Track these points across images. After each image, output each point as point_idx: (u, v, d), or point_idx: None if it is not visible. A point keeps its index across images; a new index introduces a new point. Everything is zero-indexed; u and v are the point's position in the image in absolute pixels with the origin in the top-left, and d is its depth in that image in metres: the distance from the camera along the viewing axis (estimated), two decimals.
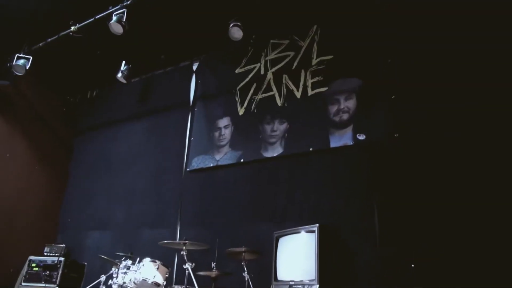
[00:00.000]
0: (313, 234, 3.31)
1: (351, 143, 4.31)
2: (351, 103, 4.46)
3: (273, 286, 3.56)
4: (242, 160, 5.15)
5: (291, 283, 3.34)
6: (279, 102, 5.08)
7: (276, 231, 3.78)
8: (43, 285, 5.20)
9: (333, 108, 4.56)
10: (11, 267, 5.78)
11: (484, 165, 3.49)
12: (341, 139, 4.40)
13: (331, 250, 3.41)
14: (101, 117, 6.88)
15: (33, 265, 5.40)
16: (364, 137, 4.23)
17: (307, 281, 3.23)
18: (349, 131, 4.35)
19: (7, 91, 6.32)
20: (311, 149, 4.59)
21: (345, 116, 4.44)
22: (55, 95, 7.04)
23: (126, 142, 6.36)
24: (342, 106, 4.50)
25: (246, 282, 3.86)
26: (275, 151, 4.89)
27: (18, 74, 5.72)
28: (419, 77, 4.06)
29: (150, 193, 5.74)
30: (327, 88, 4.70)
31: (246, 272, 3.89)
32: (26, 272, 5.40)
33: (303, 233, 3.47)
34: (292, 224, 3.81)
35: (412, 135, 3.95)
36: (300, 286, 3.24)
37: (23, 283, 5.35)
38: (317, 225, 3.34)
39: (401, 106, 4.08)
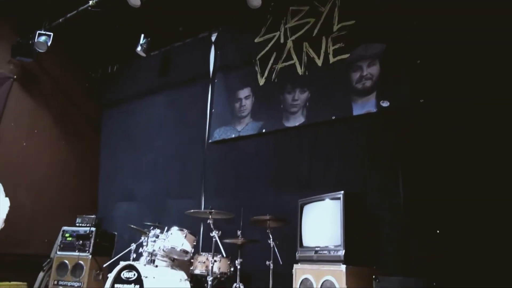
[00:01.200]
0: (338, 201, 3.33)
1: (374, 110, 4.24)
2: (374, 70, 4.36)
3: (299, 252, 3.63)
4: (263, 131, 5.16)
5: (316, 248, 3.40)
6: (300, 70, 5.01)
7: (301, 199, 3.82)
8: (77, 253, 5.45)
9: (356, 75, 4.47)
10: (45, 237, 6.08)
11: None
12: (364, 107, 4.33)
13: (356, 216, 3.43)
14: (123, 91, 6.96)
15: (67, 235, 5.65)
16: (388, 104, 4.16)
17: (333, 246, 3.28)
18: (372, 98, 4.27)
19: (30, 68, 6.44)
20: (333, 117, 4.55)
21: (368, 83, 4.36)
22: (77, 71, 7.13)
23: (149, 116, 6.44)
24: (365, 73, 4.41)
25: (272, 249, 3.96)
26: (296, 120, 4.86)
27: (40, 51, 5.80)
28: (446, 39, 3.91)
29: (174, 165, 5.85)
30: (349, 54, 4.59)
31: (271, 239, 3.99)
32: (61, 241, 5.66)
33: (327, 200, 3.49)
34: (315, 192, 3.83)
35: (438, 101, 3.84)
36: (326, 252, 3.29)
37: (58, 252, 5.62)
38: (342, 192, 3.35)
39: (427, 71, 3.95)
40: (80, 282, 5.33)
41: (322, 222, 3.50)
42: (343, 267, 3.08)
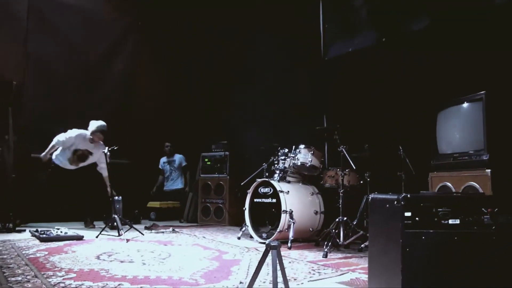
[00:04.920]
0: (479, 103, 3.03)
1: None
2: None
3: (434, 160, 3.48)
4: (383, 40, 4.81)
5: (455, 155, 3.22)
6: None
7: (434, 105, 3.56)
8: (217, 175, 6.17)
9: None
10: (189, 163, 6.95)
11: None
12: None
13: (500, 118, 3.09)
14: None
15: (206, 159, 6.39)
16: None
17: (473, 151, 3.06)
18: None
19: (148, 18, 6.94)
20: (467, 12, 3.97)
21: None
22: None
23: (263, 41, 6.47)
24: None
25: (402, 159, 3.89)
26: (422, 22, 4.39)
27: None
28: None
29: (294, 87, 5.89)
30: None
31: (401, 150, 3.90)
32: (202, 166, 6.44)
33: (466, 103, 3.21)
34: (449, 97, 3.52)
35: None
36: (466, 157, 3.10)
37: (201, 175, 6.43)
38: (484, 92, 3.03)
39: None
40: (223, 200, 6.08)
41: (461, 126, 3.26)
42: (488, 171, 2.89)
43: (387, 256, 1.86)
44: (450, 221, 1.81)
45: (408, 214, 1.76)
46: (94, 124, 5.06)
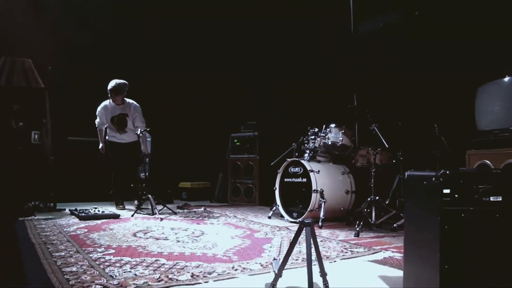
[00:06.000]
0: None
1: None
2: None
3: (472, 138, 3.35)
4: (416, 13, 4.60)
5: (495, 131, 3.09)
6: None
7: (473, 80, 3.41)
8: (246, 155, 6.19)
9: None
10: (219, 143, 6.99)
11: None
12: None
13: None
14: None
15: (235, 140, 6.41)
16: None
17: None
18: None
19: None
20: None
21: None
22: None
23: (289, 19, 6.32)
24: None
25: (437, 137, 3.76)
26: None
27: None
28: None
29: (323, 65, 5.76)
30: None
31: (436, 128, 3.77)
32: (231, 146, 6.48)
33: (507, 77, 3.05)
34: (490, 72, 3.35)
35: None
36: (507, 134, 2.97)
37: (231, 155, 6.47)
38: None
39: None
40: (253, 180, 6.11)
41: (502, 102, 3.11)
42: None
43: (424, 234, 1.82)
44: (492, 198, 1.74)
45: (447, 191, 1.71)
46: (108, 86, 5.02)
